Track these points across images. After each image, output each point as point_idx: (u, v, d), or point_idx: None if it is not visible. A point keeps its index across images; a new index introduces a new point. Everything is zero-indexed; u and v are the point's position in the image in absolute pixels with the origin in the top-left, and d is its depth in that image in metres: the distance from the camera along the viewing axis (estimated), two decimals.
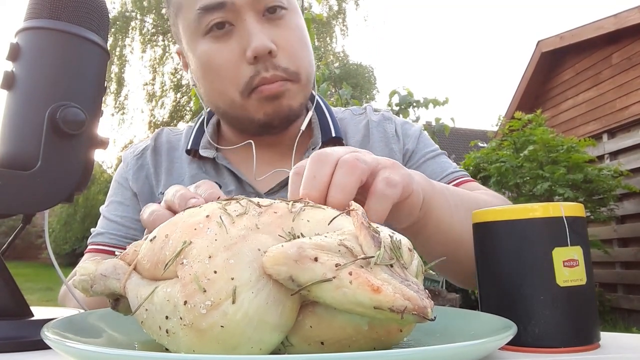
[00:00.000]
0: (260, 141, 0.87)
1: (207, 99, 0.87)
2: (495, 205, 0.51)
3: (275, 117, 0.82)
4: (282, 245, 0.33)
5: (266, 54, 0.78)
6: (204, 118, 0.95)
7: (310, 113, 0.90)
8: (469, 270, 0.67)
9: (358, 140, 0.92)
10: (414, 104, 4.54)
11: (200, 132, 0.93)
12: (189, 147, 0.90)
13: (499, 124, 5.53)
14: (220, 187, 0.83)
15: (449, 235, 0.64)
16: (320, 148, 0.85)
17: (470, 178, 0.90)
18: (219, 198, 0.50)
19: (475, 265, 0.51)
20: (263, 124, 0.83)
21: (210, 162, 0.89)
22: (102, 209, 0.94)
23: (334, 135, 0.88)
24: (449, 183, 0.86)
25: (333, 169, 0.47)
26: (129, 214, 0.90)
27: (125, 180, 0.93)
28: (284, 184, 0.85)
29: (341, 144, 0.89)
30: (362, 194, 0.48)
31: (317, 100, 0.93)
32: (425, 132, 0.97)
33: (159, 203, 0.85)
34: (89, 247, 0.90)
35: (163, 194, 0.86)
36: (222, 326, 0.32)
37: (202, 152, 0.89)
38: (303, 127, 0.87)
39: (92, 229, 0.92)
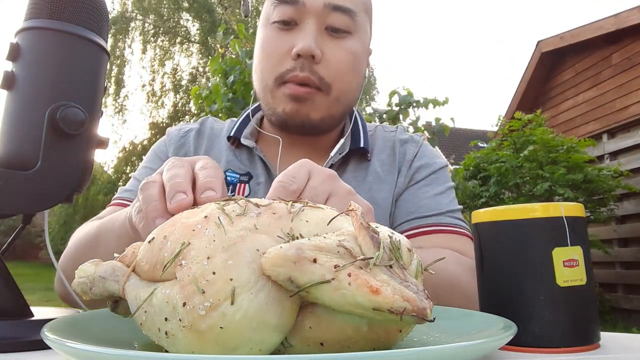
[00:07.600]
0: (299, 140, 0.92)
1: (254, 77, 0.93)
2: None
3: (291, 119, 0.86)
4: (281, 247, 0.33)
5: (309, 56, 0.83)
6: (250, 110, 1.00)
7: (348, 132, 0.95)
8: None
9: (384, 156, 0.95)
10: (414, 104, 4.55)
11: (245, 122, 0.98)
12: (231, 134, 0.95)
13: (499, 124, 5.53)
14: (251, 177, 0.90)
15: None
16: (347, 155, 0.92)
17: (461, 230, 0.86)
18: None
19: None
20: (281, 120, 0.87)
21: (247, 151, 0.94)
22: (133, 174, 0.99)
23: (362, 145, 0.93)
24: (428, 226, 0.85)
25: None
26: None
27: (164, 153, 0.97)
28: None
29: (366, 155, 0.94)
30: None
31: (355, 113, 0.99)
32: (447, 169, 0.97)
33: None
34: (115, 201, 0.93)
35: None
36: (221, 327, 0.32)
37: (244, 140, 0.94)
38: (342, 142, 0.92)
39: (120, 187, 0.97)
